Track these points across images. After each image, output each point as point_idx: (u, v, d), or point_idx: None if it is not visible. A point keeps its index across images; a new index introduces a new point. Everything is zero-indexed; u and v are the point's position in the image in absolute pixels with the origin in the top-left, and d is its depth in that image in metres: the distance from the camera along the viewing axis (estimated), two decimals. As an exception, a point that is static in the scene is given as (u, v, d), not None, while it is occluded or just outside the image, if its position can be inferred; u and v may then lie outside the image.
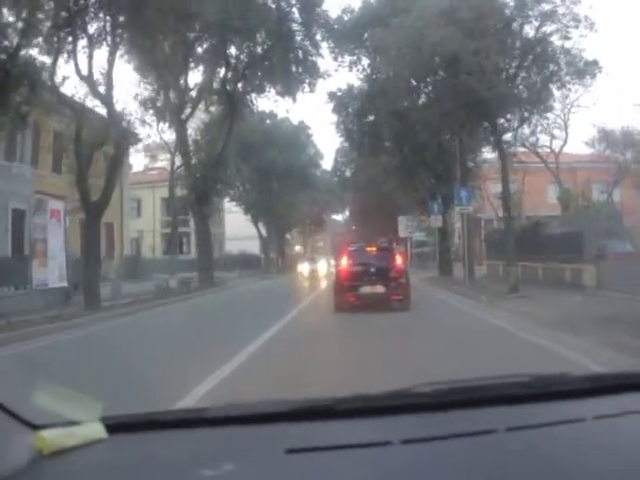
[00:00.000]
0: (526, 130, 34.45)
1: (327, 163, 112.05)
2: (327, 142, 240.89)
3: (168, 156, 65.22)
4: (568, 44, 29.50)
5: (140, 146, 63.63)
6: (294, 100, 48.72)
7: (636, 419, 2.31)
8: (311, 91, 47.21)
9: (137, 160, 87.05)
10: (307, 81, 46.84)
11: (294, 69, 46.09)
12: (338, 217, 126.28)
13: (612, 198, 52.64)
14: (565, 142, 55.09)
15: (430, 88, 38.73)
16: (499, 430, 2.14)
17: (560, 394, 2.48)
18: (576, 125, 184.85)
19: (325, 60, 50.50)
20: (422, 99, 42.66)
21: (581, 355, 12.46)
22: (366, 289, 23.30)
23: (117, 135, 29.13)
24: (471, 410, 2.32)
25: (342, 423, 2.25)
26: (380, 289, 23.30)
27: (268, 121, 76.79)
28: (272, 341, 16.49)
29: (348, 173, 79.96)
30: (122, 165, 35.39)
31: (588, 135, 56.09)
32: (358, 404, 2.32)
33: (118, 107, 30.01)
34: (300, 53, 46.13)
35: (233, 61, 46.57)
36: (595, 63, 30.24)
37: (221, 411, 2.31)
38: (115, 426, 2.13)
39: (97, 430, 2.08)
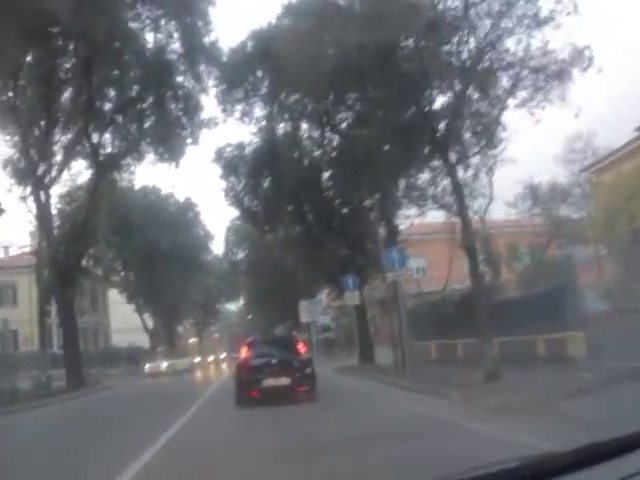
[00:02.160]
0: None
1: (219, 244, 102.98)
2: (217, 218, 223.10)
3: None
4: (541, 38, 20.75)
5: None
6: (177, 164, 39.54)
7: None
8: (194, 143, 38.01)
9: (16, 240, 76.05)
10: (189, 129, 37.56)
11: (174, 113, 36.88)
12: (232, 306, 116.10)
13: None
14: (490, 201, 46.51)
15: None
16: None
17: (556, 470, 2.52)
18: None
19: (210, 100, 40.70)
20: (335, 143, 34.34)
21: None
22: (269, 382, 20.49)
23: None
24: None
25: None
26: (285, 381, 20.54)
27: (153, 197, 67.29)
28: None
29: (241, 254, 71.20)
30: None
31: (510, 195, 47.19)
32: None
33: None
34: (181, 93, 37.04)
35: (100, 104, 36.87)
36: (585, 51, 20.83)
37: None
38: None
39: None
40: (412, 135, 22.52)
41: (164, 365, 58.71)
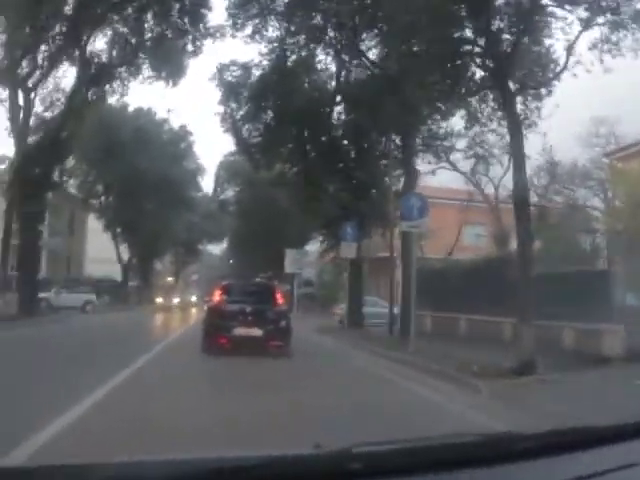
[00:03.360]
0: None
1: (208, 181, 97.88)
2: (210, 154, 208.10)
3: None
4: None
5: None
6: (174, 83, 34.97)
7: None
8: (195, 53, 33.25)
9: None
10: (191, 37, 32.69)
11: (176, 15, 32.04)
12: (215, 249, 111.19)
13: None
14: (506, 170, 42.59)
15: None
16: None
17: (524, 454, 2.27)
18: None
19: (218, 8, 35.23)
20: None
21: None
22: (240, 331, 18.98)
23: None
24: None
25: None
26: (256, 332, 19.01)
27: (145, 120, 63.08)
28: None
29: (231, 193, 66.72)
30: None
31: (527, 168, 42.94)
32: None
33: None
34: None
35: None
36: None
37: None
38: None
39: None
40: (460, 58, 18.03)
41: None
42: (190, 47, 33.22)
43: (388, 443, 2.20)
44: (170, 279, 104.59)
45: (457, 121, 29.62)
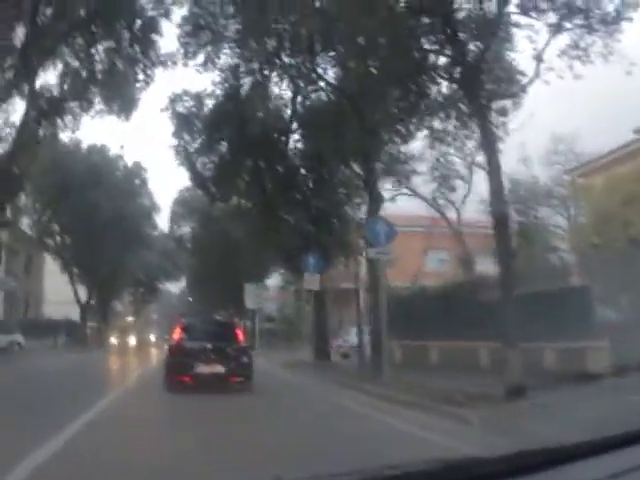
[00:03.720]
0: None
1: (164, 218, 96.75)
2: (164, 191, 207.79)
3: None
4: None
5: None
6: (127, 117, 33.65)
7: None
8: (146, 83, 32.00)
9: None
10: (142, 65, 31.43)
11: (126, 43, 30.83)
12: (174, 287, 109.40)
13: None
14: (468, 193, 41.89)
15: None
16: None
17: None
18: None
19: (169, 35, 33.63)
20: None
21: None
22: (202, 368, 18.72)
23: None
24: None
25: None
26: (219, 369, 18.81)
27: (98, 157, 61.88)
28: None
29: (187, 229, 65.52)
30: None
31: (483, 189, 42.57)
32: None
33: None
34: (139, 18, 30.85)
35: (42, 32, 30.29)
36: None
37: None
38: None
39: None
40: (424, 72, 17.18)
41: None
42: (141, 76, 31.94)
43: (348, 474, 2.13)
44: (130, 319, 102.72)
45: (418, 144, 29.06)
